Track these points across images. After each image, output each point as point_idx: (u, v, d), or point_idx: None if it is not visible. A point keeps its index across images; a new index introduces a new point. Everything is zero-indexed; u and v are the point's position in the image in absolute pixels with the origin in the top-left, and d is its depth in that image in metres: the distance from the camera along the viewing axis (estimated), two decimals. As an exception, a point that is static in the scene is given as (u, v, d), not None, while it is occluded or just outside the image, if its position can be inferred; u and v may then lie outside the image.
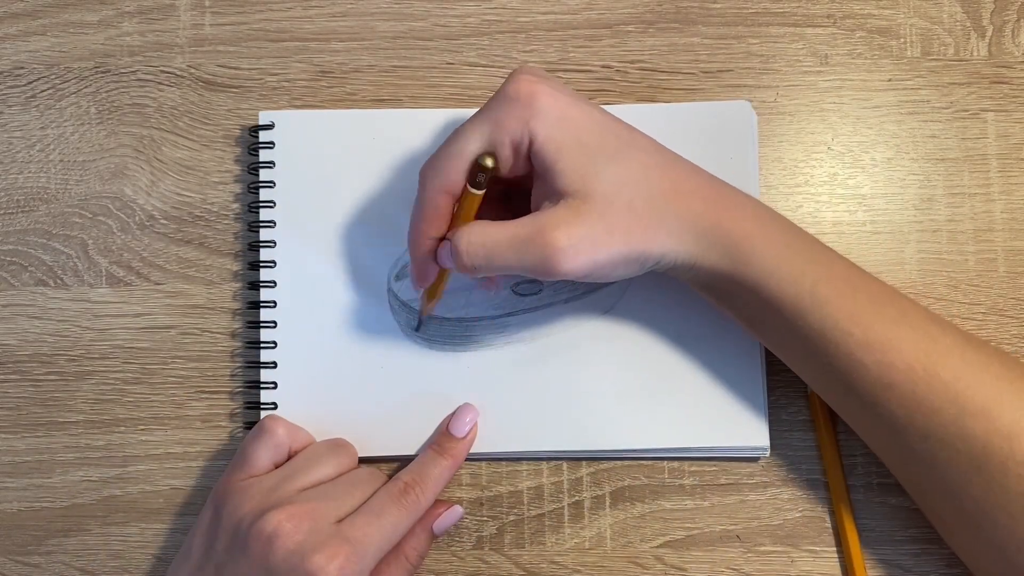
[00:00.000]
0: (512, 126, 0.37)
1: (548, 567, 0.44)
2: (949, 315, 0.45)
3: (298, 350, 0.44)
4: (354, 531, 0.38)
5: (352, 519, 0.39)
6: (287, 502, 0.38)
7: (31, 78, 0.47)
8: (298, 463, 0.41)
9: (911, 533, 0.44)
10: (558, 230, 0.37)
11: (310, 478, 0.40)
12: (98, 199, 0.47)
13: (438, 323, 0.45)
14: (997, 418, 0.36)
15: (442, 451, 0.42)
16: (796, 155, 0.46)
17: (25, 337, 0.46)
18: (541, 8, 0.47)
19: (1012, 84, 0.46)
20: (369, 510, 0.39)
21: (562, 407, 0.44)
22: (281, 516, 0.37)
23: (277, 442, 0.41)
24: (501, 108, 0.38)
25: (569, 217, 0.37)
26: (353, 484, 0.41)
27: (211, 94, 0.47)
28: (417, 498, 0.41)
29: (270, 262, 0.45)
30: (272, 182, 0.45)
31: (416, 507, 0.40)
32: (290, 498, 0.39)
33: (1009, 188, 0.46)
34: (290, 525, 0.37)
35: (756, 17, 0.47)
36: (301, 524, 0.37)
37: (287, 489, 0.39)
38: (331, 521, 0.38)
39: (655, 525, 0.44)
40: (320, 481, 0.41)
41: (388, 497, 0.40)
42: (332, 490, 0.40)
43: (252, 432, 0.42)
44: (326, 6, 0.47)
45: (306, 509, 0.38)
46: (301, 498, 0.39)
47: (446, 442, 0.43)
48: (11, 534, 0.45)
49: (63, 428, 0.45)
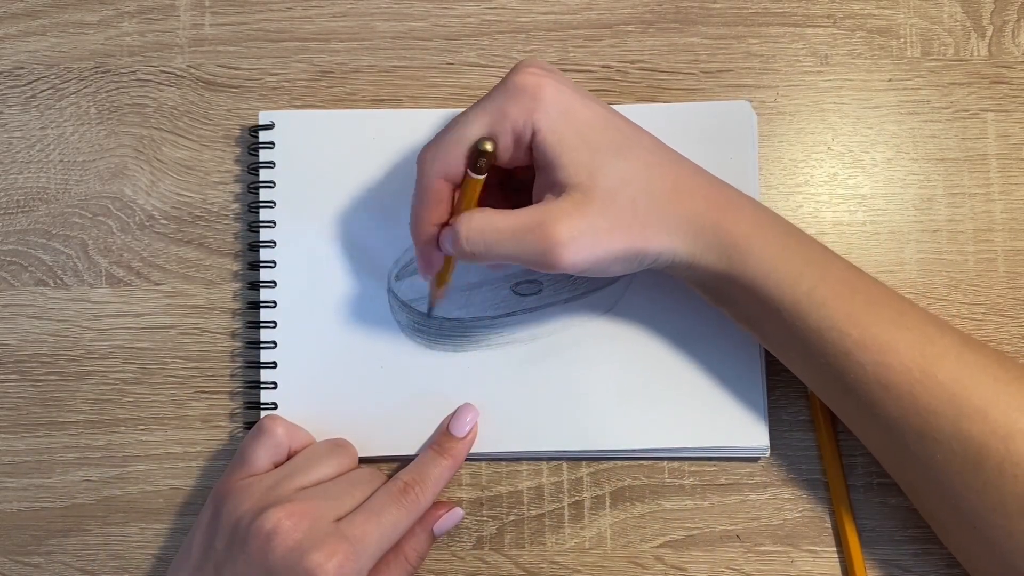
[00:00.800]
0: (515, 116, 0.37)
1: (548, 567, 0.44)
2: (949, 315, 0.45)
3: (298, 350, 0.44)
4: (353, 529, 0.38)
5: (351, 518, 0.39)
6: (286, 500, 0.38)
7: (31, 78, 0.47)
8: (298, 462, 0.41)
9: (911, 533, 0.44)
10: (560, 223, 0.37)
11: (310, 477, 0.40)
12: (98, 199, 0.47)
13: (438, 323, 0.45)
14: (994, 420, 0.36)
15: (442, 451, 0.42)
16: (796, 155, 0.46)
17: (25, 337, 0.46)
18: (541, 8, 0.47)
19: (1012, 84, 0.46)
20: (368, 509, 0.39)
21: (562, 407, 0.44)
22: (280, 514, 0.37)
23: (276, 442, 0.41)
24: (505, 97, 0.38)
25: (571, 211, 0.37)
26: (353, 484, 0.41)
27: (211, 94, 0.47)
28: (417, 498, 0.41)
29: (270, 262, 0.45)
30: (272, 182, 0.45)
31: (416, 507, 0.40)
32: (289, 496, 0.39)
33: (1009, 188, 0.46)
34: (289, 523, 0.37)
35: (756, 17, 0.47)
36: (300, 522, 0.37)
37: (286, 488, 0.39)
38: (330, 520, 0.38)
39: (655, 525, 0.44)
40: (320, 480, 0.41)
41: (388, 496, 0.40)
42: (332, 489, 0.40)
43: (251, 432, 0.42)
44: (326, 6, 0.47)
45: (305, 507, 0.38)
46: (300, 496, 0.39)
47: (446, 442, 0.43)
48: (11, 534, 0.45)
49: (63, 428, 0.45)
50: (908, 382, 0.37)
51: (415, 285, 0.45)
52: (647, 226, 0.38)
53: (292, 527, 0.37)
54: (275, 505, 0.38)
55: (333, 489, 0.40)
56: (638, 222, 0.38)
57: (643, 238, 0.38)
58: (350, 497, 0.40)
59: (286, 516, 0.37)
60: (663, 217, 0.38)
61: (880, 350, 0.37)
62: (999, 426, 0.36)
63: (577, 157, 0.37)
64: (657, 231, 0.38)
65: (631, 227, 0.38)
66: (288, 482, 0.40)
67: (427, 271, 0.42)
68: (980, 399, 0.36)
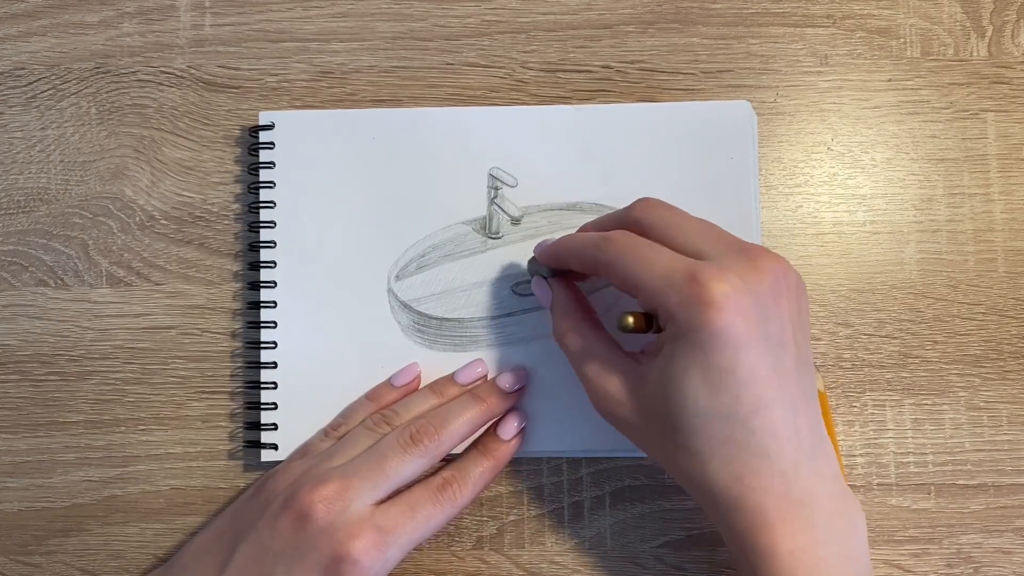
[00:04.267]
0: (672, 312, 0.34)
1: (548, 567, 0.44)
2: (949, 315, 0.45)
3: (298, 350, 0.45)
4: (387, 520, 0.38)
5: (387, 508, 0.39)
6: (323, 480, 0.38)
7: (31, 79, 0.47)
8: (336, 446, 0.42)
9: (911, 533, 0.44)
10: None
11: (347, 457, 0.40)
12: (98, 199, 0.47)
13: (438, 323, 0.45)
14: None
15: (486, 451, 0.42)
16: (796, 155, 0.46)
17: (26, 337, 0.46)
18: (541, 8, 0.47)
19: (1012, 84, 0.46)
20: (404, 501, 0.39)
21: (562, 407, 0.44)
22: (315, 496, 0.38)
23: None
24: (678, 300, 0.34)
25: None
26: (385, 455, 0.40)
27: (211, 94, 0.47)
28: (454, 495, 0.40)
29: (270, 262, 0.45)
30: (272, 182, 0.45)
31: (453, 504, 0.40)
32: (326, 476, 0.39)
33: (1009, 188, 0.46)
34: (323, 506, 0.38)
35: (756, 17, 0.47)
36: (333, 504, 0.38)
37: (324, 467, 0.40)
38: (367, 503, 0.38)
39: (655, 525, 0.44)
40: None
41: (426, 491, 0.40)
42: (363, 467, 0.39)
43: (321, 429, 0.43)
44: (326, 6, 0.47)
45: (341, 489, 0.38)
46: (338, 475, 0.39)
47: (491, 443, 0.43)
48: (11, 534, 0.45)
49: (64, 428, 0.46)
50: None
51: (415, 285, 0.45)
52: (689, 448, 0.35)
53: (326, 510, 0.37)
54: (311, 484, 0.38)
55: (364, 467, 0.39)
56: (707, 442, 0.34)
57: (679, 456, 0.35)
58: (383, 475, 0.39)
59: (320, 499, 0.38)
60: (737, 448, 0.34)
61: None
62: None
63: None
64: (710, 457, 0.35)
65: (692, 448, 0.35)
66: (327, 461, 0.40)
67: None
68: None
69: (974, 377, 0.45)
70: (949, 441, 0.45)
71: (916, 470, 0.44)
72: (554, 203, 0.45)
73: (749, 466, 0.34)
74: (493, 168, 0.45)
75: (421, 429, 0.40)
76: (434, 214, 0.45)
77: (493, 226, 0.45)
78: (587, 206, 0.45)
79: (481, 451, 0.42)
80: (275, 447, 0.44)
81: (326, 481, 0.38)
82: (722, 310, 0.33)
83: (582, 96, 0.46)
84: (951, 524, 0.44)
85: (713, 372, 0.33)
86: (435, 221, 0.45)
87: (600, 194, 0.45)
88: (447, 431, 0.41)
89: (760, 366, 0.33)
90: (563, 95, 0.46)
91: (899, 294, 0.45)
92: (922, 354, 0.45)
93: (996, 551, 0.44)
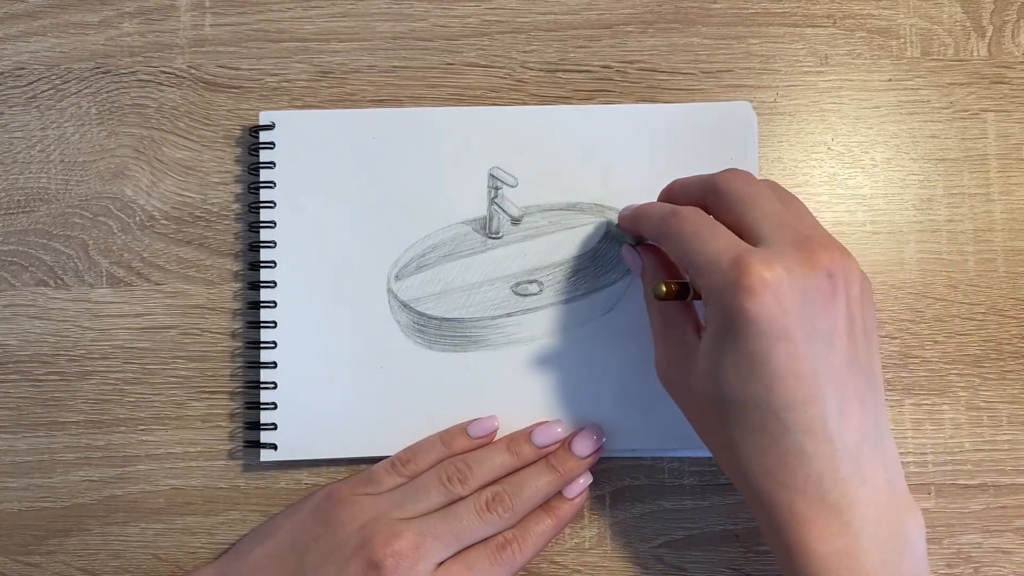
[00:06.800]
0: (716, 302, 0.34)
1: (548, 567, 0.44)
2: (949, 315, 0.45)
3: (298, 350, 0.45)
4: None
5: (448, 567, 0.40)
6: (395, 534, 0.39)
7: (31, 78, 0.47)
8: (408, 491, 0.42)
9: (911, 533, 0.44)
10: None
11: (417, 508, 0.41)
12: (98, 199, 0.47)
13: (438, 323, 0.45)
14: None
15: (549, 509, 0.42)
16: (796, 155, 0.46)
17: (26, 337, 0.46)
18: (541, 8, 0.47)
19: (1012, 84, 0.46)
20: (464, 561, 0.40)
21: (562, 407, 0.44)
22: (387, 550, 0.39)
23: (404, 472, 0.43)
24: (722, 283, 0.34)
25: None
26: (458, 516, 0.41)
27: (211, 94, 0.47)
28: (513, 555, 0.41)
29: (270, 262, 0.45)
30: (272, 182, 0.45)
31: (511, 564, 0.41)
32: (398, 530, 0.39)
33: (1009, 188, 0.46)
34: (392, 561, 0.39)
35: (756, 17, 0.47)
36: (402, 561, 0.39)
37: (396, 516, 0.40)
38: (433, 562, 0.39)
39: (655, 525, 0.44)
40: (428, 511, 0.41)
41: (485, 551, 0.41)
42: (435, 524, 0.40)
43: (387, 460, 0.43)
44: (326, 6, 0.47)
45: (411, 546, 0.39)
46: (409, 530, 0.39)
47: (555, 501, 0.43)
48: (12, 534, 0.45)
49: (64, 428, 0.46)
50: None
51: (415, 285, 0.45)
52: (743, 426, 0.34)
53: (395, 565, 0.38)
54: (386, 536, 0.39)
55: (439, 526, 0.40)
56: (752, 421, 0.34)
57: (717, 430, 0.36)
58: (455, 538, 0.40)
59: (392, 553, 0.39)
60: (773, 439, 0.34)
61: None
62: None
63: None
64: (744, 439, 0.35)
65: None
66: (398, 511, 0.41)
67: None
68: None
69: (974, 377, 0.45)
70: (949, 441, 0.45)
71: (916, 470, 0.44)
72: (554, 203, 0.45)
73: (781, 461, 0.34)
74: (493, 168, 0.45)
75: (497, 498, 0.41)
76: (434, 214, 0.45)
77: (493, 226, 0.45)
78: (587, 206, 0.45)
79: (545, 509, 0.42)
80: (275, 447, 0.44)
81: (399, 535, 0.39)
82: (758, 297, 0.32)
83: (582, 96, 0.46)
84: (951, 524, 0.44)
85: (744, 359, 0.33)
86: (435, 221, 0.45)
87: (600, 194, 0.45)
88: (521, 500, 0.41)
89: (799, 361, 0.33)
90: (563, 95, 0.46)
91: (899, 294, 0.45)
92: (922, 354, 0.45)
93: (996, 551, 0.44)
